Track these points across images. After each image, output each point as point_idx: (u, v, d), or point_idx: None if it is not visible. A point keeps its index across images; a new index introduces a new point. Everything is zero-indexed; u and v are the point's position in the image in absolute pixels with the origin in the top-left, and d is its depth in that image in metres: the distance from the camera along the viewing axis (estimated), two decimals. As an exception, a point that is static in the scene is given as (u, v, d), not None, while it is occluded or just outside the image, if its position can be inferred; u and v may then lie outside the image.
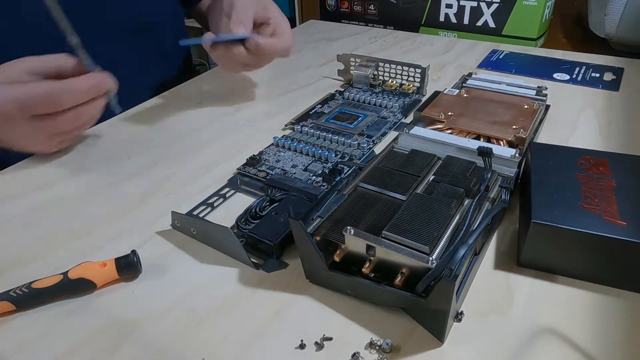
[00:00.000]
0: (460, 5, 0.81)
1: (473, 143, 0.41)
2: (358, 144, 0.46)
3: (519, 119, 0.44)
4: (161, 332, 0.29)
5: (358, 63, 0.60)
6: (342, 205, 0.34)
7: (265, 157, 0.46)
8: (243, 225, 0.36)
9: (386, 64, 0.59)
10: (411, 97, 0.57)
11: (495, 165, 0.38)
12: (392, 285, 0.28)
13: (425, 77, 0.57)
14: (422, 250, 0.28)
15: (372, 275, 0.30)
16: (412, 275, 0.28)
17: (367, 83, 0.59)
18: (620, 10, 0.71)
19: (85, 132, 0.52)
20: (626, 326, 0.29)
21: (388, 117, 0.53)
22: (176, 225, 0.38)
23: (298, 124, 0.51)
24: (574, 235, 0.30)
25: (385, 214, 0.33)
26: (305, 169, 0.43)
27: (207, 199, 0.41)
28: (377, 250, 0.29)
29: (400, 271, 0.28)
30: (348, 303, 0.31)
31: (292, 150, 0.47)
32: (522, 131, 0.42)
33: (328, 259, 0.31)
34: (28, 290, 0.31)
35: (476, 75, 0.55)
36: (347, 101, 0.57)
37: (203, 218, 0.39)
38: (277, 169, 0.44)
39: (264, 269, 0.34)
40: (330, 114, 0.53)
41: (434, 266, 0.27)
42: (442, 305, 0.26)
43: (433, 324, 0.28)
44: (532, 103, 0.47)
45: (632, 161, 0.36)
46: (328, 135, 0.48)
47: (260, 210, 0.38)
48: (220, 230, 0.34)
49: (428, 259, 0.27)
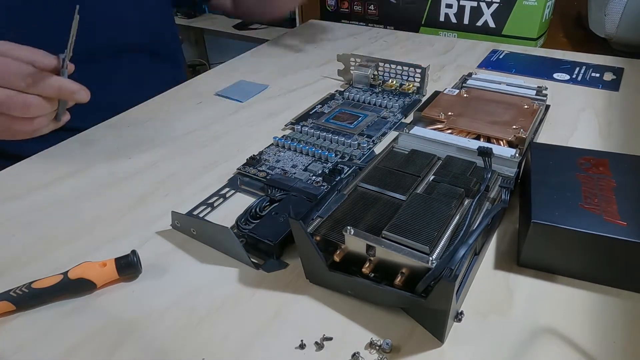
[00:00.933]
0: (460, 5, 0.81)
1: (473, 143, 0.41)
2: (358, 144, 0.46)
3: (519, 119, 0.44)
4: (161, 332, 0.29)
5: (358, 63, 0.60)
6: (342, 205, 0.34)
7: (265, 157, 0.46)
8: (243, 225, 0.36)
9: (386, 64, 0.60)
10: (411, 97, 0.57)
11: (495, 165, 0.38)
12: (392, 285, 0.28)
13: (425, 77, 0.57)
14: (422, 250, 0.28)
15: (372, 275, 0.30)
16: (412, 275, 0.28)
17: (367, 83, 0.59)
18: (620, 10, 0.71)
19: (85, 132, 0.52)
20: (626, 326, 0.29)
21: (388, 117, 0.53)
22: (176, 225, 0.38)
23: (298, 123, 0.51)
24: (574, 235, 0.30)
25: (385, 214, 0.33)
26: (305, 169, 0.43)
27: (207, 199, 0.41)
28: (377, 250, 0.29)
29: (400, 271, 0.28)
30: (348, 303, 0.31)
31: (292, 150, 0.47)
32: (522, 131, 0.42)
33: (328, 259, 0.31)
34: (28, 290, 0.31)
35: (476, 75, 0.55)
36: (347, 101, 0.57)
37: (203, 218, 0.39)
38: (277, 169, 0.44)
39: (264, 269, 0.34)
40: (330, 114, 0.53)
41: (434, 266, 0.27)
42: (442, 305, 0.26)
43: (433, 324, 0.28)
44: (532, 103, 0.47)
45: (632, 161, 0.36)
46: (328, 135, 0.48)
47: (260, 210, 0.38)
48: (220, 230, 0.34)
49: (428, 259, 0.27)
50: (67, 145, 0.50)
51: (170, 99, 0.60)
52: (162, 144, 0.50)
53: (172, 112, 0.56)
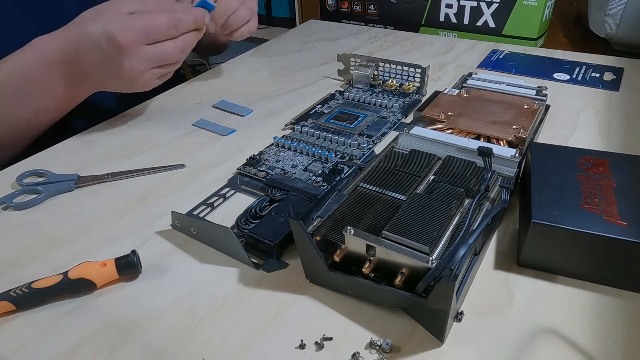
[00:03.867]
0: (460, 5, 0.81)
1: (473, 143, 0.40)
2: (358, 144, 0.46)
3: (519, 119, 0.44)
4: (161, 332, 0.29)
5: (358, 63, 0.60)
6: (342, 205, 0.34)
7: (265, 157, 0.46)
8: (243, 225, 0.36)
9: (386, 64, 0.59)
10: (411, 97, 0.57)
11: (495, 165, 0.38)
12: (392, 285, 0.28)
13: (426, 77, 0.57)
14: (422, 250, 0.28)
15: (372, 275, 0.30)
16: (412, 275, 0.28)
17: (367, 83, 0.59)
18: (620, 10, 0.71)
19: (85, 132, 0.52)
20: (626, 326, 0.29)
21: (388, 117, 0.53)
22: (176, 225, 0.38)
23: (298, 123, 0.51)
24: (574, 235, 0.30)
25: (385, 214, 0.33)
26: (306, 169, 0.43)
27: (207, 199, 0.41)
28: (377, 250, 0.29)
29: (400, 271, 0.28)
30: (348, 303, 0.31)
31: (292, 150, 0.47)
32: (522, 131, 0.42)
33: (328, 259, 0.31)
34: (28, 290, 0.31)
35: (476, 75, 0.55)
36: (347, 101, 0.57)
37: (203, 218, 0.39)
38: (277, 169, 0.43)
39: (264, 269, 0.34)
40: (330, 114, 0.53)
41: (434, 266, 0.27)
42: (442, 305, 0.26)
43: (433, 324, 0.28)
44: (532, 103, 0.47)
45: (632, 161, 0.36)
46: (328, 135, 0.48)
47: (260, 210, 0.38)
48: (221, 230, 0.34)
49: (428, 259, 0.27)
50: (67, 145, 0.50)
51: (170, 99, 0.60)
52: (162, 144, 0.50)
53: (172, 112, 0.56)
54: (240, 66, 0.69)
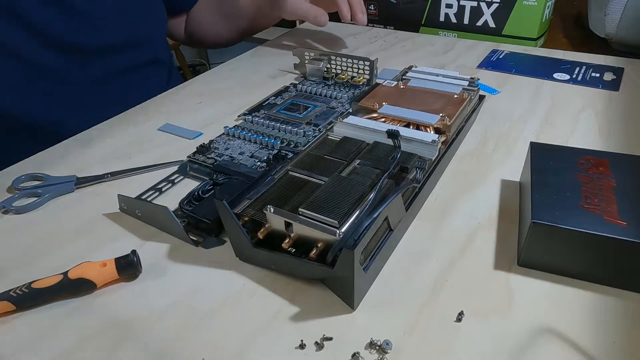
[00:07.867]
0: (460, 5, 0.80)
1: (402, 130, 0.42)
2: (304, 132, 0.48)
3: (446, 107, 0.46)
4: (161, 331, 0.29)
5: (311, 57, 0.62)
6: (271, 188, 0.36)
7: (215, 145, 0.47)
8: (185, 207, 0.38)
9: (337, 57, 0.62)
10: (361, 88, 0.59)
11: (418, 149, 0.40)
12: (309, 259, 0.30)
13: (374, 69, 0.59)
14: (332, 224, 0.30)
15: (292, 250, 0.32)
16: (326, 249, 0.30)
17: (320, 76, 0.62)
18: (620, 10, 0.71)
19: (85, 132, 0.52)
20: (626, 326, 0.29)
21: (336, 107, 0.54)
22: (123, 208, 0.39)
23: (250, 114, 0.53)
24: (574, 235, 0.30)
25: (309, 196, 0.34)
26: (252, 155, 0.45)
27: (157, 184, 0.42)
28: (294, 226, 0.31)
29: (316, 245, 0.30)
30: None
31: (241, 139, 0.48)
32: (446, 118, 0.43)
33: (254, 238, 0.32)
34: (28, 290, 0.31)
35: (416, 68, 0.57)
36: (299, 93, 0.58)
37: (146, 199, 0.40)
38: (225, 156, 0.45)
39: (202, 246, 0.36)
40: (282, 105, 0.55)
41: (340, 238, 0.29)
42: (347, 272, 0.28)
43: (343, 291, 0.30)
44: (462, 93, 0.48)
45: (632, 161, 0.36)
46: (277, 125, 0.49)
47: (203, 193, 0.40)
48: (161, 210, 0.36)
49: (336, 232, 0.30)
50: (67, 145, 0.50)
51: (170, 99, 0.60)
52: (162, 143, 0.50)
53: (171, 112, 0.56)
54: (240, 66, 0.69)
